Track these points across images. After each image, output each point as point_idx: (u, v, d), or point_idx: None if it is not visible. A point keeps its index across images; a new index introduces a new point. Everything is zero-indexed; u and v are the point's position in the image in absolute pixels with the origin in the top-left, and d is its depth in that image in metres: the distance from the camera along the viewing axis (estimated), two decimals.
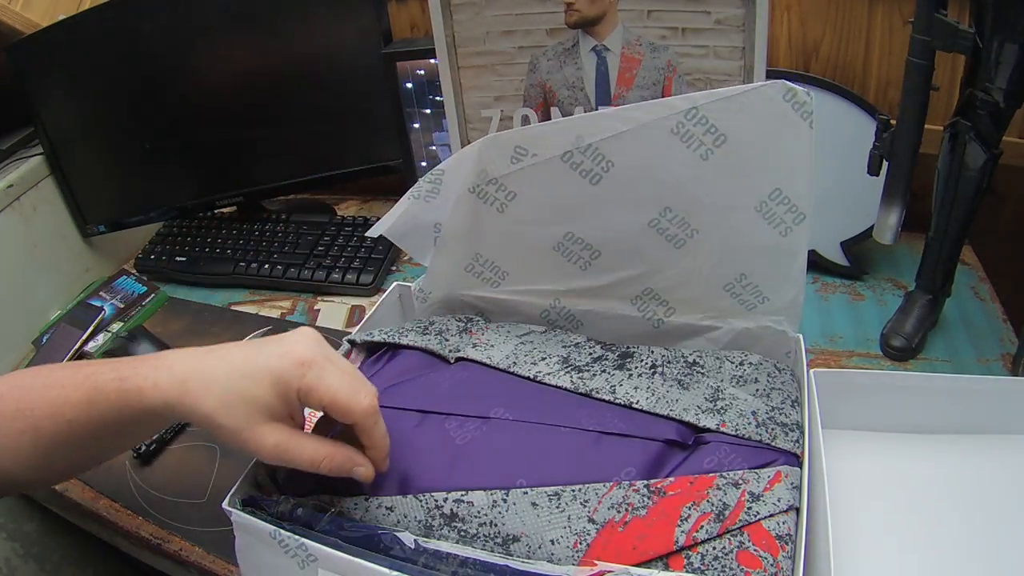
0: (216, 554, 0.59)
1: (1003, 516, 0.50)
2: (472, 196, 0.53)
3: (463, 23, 0.65)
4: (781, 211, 0.48)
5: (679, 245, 0.51)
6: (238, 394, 0.41)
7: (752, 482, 0.43)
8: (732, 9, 0.60)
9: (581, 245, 0.53)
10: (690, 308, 0.55)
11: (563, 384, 0.51)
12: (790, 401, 0.50)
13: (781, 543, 0.41)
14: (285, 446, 0.41)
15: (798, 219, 0.49)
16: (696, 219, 0.50)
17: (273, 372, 0.42)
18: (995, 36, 0.54)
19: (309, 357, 0.42)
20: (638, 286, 0.55)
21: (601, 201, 0.50)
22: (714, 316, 0.55)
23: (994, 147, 0.59)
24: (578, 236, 0.53)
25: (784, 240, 0.50)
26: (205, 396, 0.41)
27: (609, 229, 0.52)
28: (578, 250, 0.54)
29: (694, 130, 0.46)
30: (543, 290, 0.58)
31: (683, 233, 0.51)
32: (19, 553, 0.81)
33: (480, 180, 0.52)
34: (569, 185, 0.49)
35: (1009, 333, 0.71)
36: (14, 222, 0.89)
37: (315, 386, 0.41)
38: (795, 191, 0.48)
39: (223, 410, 0.41)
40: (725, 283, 0.53)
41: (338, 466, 0.42)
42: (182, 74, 0.93)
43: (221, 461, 0.67)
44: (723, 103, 0.45)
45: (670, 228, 0.51)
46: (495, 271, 0.58)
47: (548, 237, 0.54)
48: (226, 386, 0.41)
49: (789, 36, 0.82)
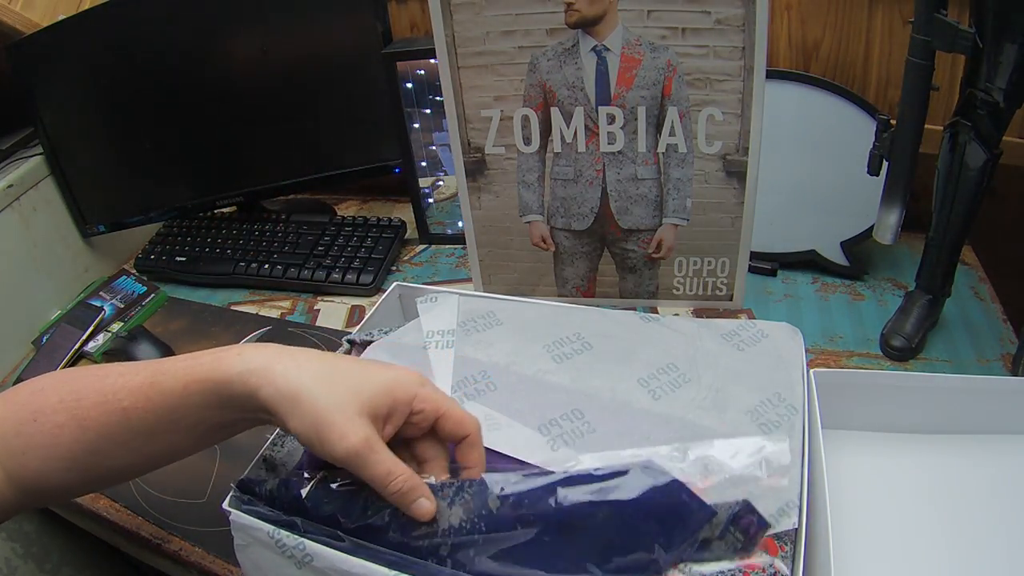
0: (216, 554, 0.59)
1: (1003, 516, 0.50)
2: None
3: (463, 23, 0.65)
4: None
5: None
6: (344, 377, 0.40)
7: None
8: (732, 9, 0.60)
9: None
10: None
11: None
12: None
13: (781, 543, 0.41)
14: (371, 446, 0.39)
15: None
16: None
17: (393, 373, 0.41)
18: (995, 36, 0.54)
19: (426, 378, 0.43)
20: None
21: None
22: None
23: (994, 147, 0.59)
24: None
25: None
26: (300, 368, 0.39)
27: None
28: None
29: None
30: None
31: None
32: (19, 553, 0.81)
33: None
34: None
35: (1009, 333, 0.71)
36: (14, 222, 0.89)
37: (433, 396, 0.42)
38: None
39: (320, 382, 0.39)
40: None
41: (409, 489, 0.39)
42: (182, 74, 0.93)
43: (221, 461, 0.67)
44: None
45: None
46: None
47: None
48: (330, 365, 0.40)
49: (789, 36, 0.82)
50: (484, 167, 0.72)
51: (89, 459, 0.42)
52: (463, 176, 0.73)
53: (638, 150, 0.68)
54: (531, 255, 0.76)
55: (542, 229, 0.74)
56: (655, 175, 0.69)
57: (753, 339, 0.55)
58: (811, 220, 0.79)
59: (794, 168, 0.77)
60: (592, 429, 0.48)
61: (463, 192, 0.73)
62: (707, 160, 0.67)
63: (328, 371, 0.40)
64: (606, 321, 0.58)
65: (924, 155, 0.62)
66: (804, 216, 0.79)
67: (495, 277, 0.79)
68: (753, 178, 0.66)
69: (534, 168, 0.71)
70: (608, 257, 0.75)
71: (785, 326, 0.56)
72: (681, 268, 0.74)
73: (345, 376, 0.40)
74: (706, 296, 0.75)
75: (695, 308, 0.77)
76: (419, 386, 0.42)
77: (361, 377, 0.40)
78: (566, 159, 0.69)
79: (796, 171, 0.77)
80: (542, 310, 0.60)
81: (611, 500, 0.40)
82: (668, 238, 0.72)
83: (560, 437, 0.47)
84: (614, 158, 0.68)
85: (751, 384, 0.51)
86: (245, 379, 0.40)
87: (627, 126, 0.66)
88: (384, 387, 0.40)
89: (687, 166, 0.67)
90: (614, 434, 0.47)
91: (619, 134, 0.67)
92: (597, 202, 0.71)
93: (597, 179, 0.70)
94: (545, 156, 0.70)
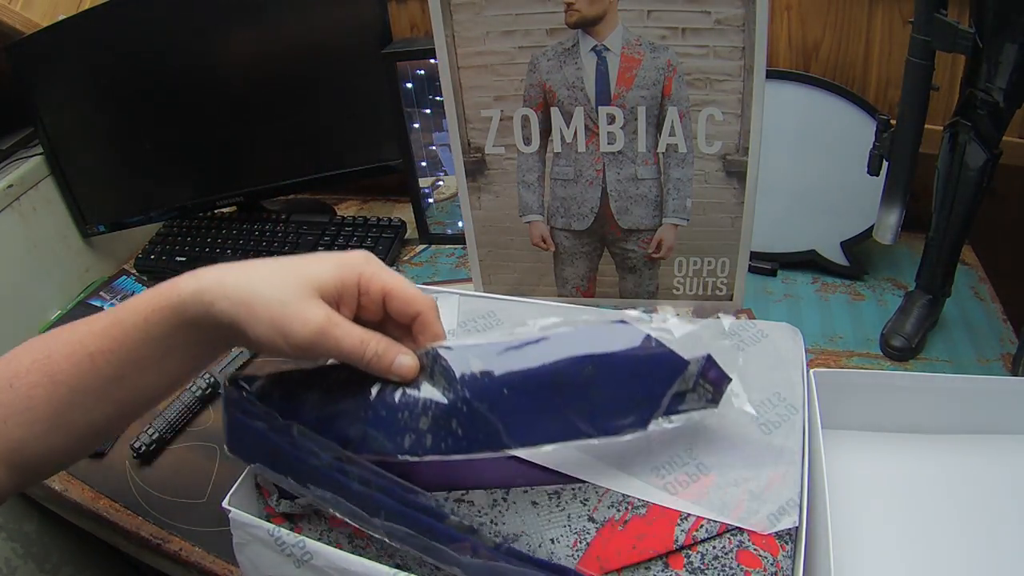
0: (216, 554, 0.59)
1: (1003, 516, 0.50)
2: None
3: (463, 23, 0.65)
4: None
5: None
6: (292, 270, 0.39)
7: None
8: (732, 9, 0.60)
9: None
10: None
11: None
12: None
13: (781, 543, 0.41)
14: (333, 323, 0.38)
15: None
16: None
17: (339, 257, 0.41)
18: (995, 36, 0.54)
19: (371, 255, 0.42)
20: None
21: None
22: None
23: (994, 147, 0.59)
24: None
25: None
26: (248, 274, 0.39)
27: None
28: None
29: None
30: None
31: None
32: (19, 553, 0.81)
33: None
34: None
35: (1009, 333, 0.71)
36: (14, 222, 0.89)
37: (379, 273, 0.41)
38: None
39: (270, 281, 0.39)
40: None
41: (385, 349, 0.39)
42: (182, 74, 0.93)
43: (221, 461, 0.67)
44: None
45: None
46: None
47: None
48: (277, 264, 0.40)
49: (789, 36, 0.82)
50: (484, 167, 0.72)
51: (66, 415, 0.42)
52: (463, 176, 0.73)
53: (638, 150, 0.68)
54: (531, 255, 0.76)
55: (542, 229, 0.74)
56: (655, 175, 0.69)
57: (753, 339, 0.55)
58: (811, 220, 0.79)
59: (794, 168, 0.77)
60: None
61: (463, 192, 0.73)
62: (707, 160, 0.67)
63: (274, 270, 0.40)
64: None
65: (924, 155, 0.62)
66: (804, 216, 0.79)
67: (495, 277, 0.79)
68: (753, 178, 0.66)
69: (534, 168, 0.71)
70: (608, 257, 0.75)
71: (785, 326, 0.56)
72: (681, 268, 0.74)
73: (291, 270, 0.40)
74: (706, 296, 0.75)
75: (695, 308, 0.77)
76: (364, 265, 0.41)
77: (307, 267, 0.40)
78: (566, 159, 0.69)
79: (796, 171, 0.78)
80: (542, 310, 0.60)
81: (594, 355, 0.40)
82: (668, 238, 0.72)
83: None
84: (614, 158, 0.68)
85: (751, 384, 0.51)
86: (199, 297, 0.39)
87: (627, 126, 0.66)
88: (330, 270, 0.40)
89: (687, 166, 0.67)
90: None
91: (619, 134, 0.67)
92: (597, 202, 0.71)
93: (597, 179, 0.70)
94: (545, 156, 0.70)
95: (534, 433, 0.40)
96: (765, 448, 0.45)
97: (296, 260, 0.41)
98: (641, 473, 0.44)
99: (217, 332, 0.40)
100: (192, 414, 0.72)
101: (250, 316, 0.38)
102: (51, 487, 0.68)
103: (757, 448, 0.45)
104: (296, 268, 0.40)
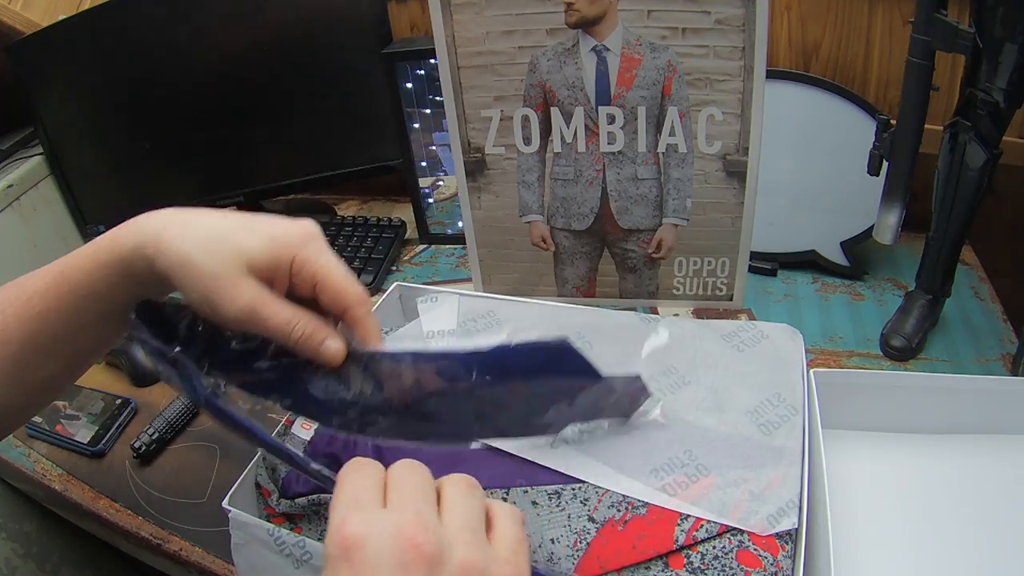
0: (216, 554, 0.59)
1: (1003, 516, 0.50)
2: None
3: (463, 23, 0.65)
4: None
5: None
6: (227, 240, 0.38)
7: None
8: (732, 9, 0.60)
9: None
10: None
11: None
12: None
13: (781, 543, 0.41)
14: (262, 301, 0.38)
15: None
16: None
17: (275, 231, 0.39)
18: (995, 36, 0.54)
19: (316, 232, 0.40)
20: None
21: None
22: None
23: (994, 147, 0.59)
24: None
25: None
26: (186, 235, 0.38)
27: None
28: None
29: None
30: None
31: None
32: (19, 553, 0.81)
33: None
34: None
35: (1009, 333, 0.71)
36: (14, 222, 0.89)
37: (314, 258, 0.39)
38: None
39: (204, 249, 0.38)
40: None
41: (312, 331, 0.38)
42: (182, 74, 0.93)
43: (221, 461, 0.67)
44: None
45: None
46: None
47: None
48: (215, 229, 0.38)
49: (789, 36, 0.82)
50: (484, 167, 0.72)
51: (19, 373, 0.42)
52: (463, 176, 0.73)
53: (638, 150, 0.68)
54: (531, 255, 0.76)
55: (542, 229, 0.74)
56: (655, 175, 0.69)
57: (753, 340, 0.55)
58: (811, 220, 0.79)
59: (794, 168, 0.77)
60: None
61: (463, 192, 0.74)
62: (707, 160, 0.67)
63: (214, 233, 0.38)
64: (606, 322, 0.58)
65: (924, 155, 0.62)
66: (804, 216, 0.79)
67: (495, 277, 0.79)
68: (753, 178, 0.66)
69: (534, 168, 0.71)
70: (608, 257, 0.75)
71: (785, 327, 0.56)
72: (681, 268, 0.74)
73: (229, 237, 0.38)
74: (706, 296, 0.75)
75: (695, 308, 0.77)
76: (299, 247, 0.39)
77: (245, 237, 0.39)
78: (566, 159, 0.69)
79: (796, 171, 0.78)
80: (542, 310, 0.60)
81: (512, 366, 0.40)
82: (668, 238, 0.72)
83: (560, 437, 0.47)
84: (614, 158, 0.68)
85: (751, 384, 0.51)
86: (141, 252, 0.39)
87: (627, 126, 0.66)
88: (263, 247, 0.39)
89: (687, 166, 0.67)
90: (613, 435, 0.47)
91: (619, 134, 0.67)
92: (597, 202, 0.71)
93: (597, 179, 0.70)
94: (545, 156, 0.70)
95: (458, 436, 0.41)
96: (765, 449, 0.45)
97: (235, 225, 0.39)
98: (640, 475, 0.44)
99: (159, 286, 0.40)
100: (192, 414, 0.72)
101: (185, 281, 0.38)
102: (51, 487, 0.68)
103: (757, 449, 0.45)
104: (232, 237, 0.39)
